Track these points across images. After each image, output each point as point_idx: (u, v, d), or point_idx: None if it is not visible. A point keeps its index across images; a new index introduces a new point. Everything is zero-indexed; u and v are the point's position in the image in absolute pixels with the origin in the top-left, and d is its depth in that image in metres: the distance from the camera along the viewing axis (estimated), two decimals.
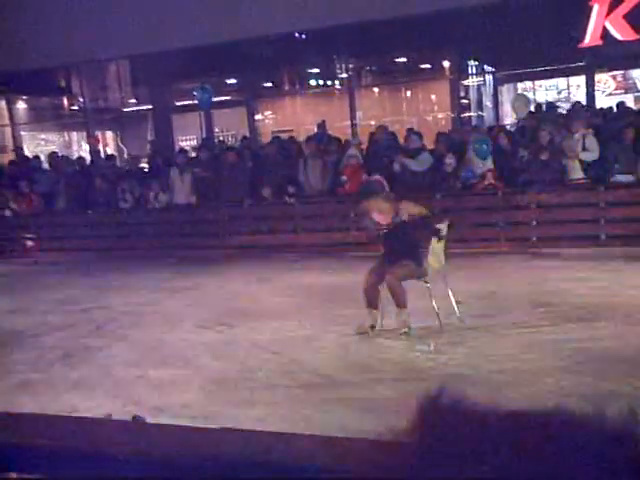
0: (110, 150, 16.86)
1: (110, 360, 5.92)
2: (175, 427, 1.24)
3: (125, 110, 16.61)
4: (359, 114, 14.83)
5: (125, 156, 15.28)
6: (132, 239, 10.95)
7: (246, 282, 8.62)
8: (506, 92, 14.89)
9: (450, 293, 6.24)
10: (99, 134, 16.17)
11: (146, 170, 12.67)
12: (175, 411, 4.58)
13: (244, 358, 5.71)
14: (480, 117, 14.97)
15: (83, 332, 6.87)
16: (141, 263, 10.16)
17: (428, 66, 14.97)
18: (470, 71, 15.22)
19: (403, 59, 14.75)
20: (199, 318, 7.00)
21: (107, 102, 15.93)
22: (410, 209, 6.07)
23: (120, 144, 17.32)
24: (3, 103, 17.05)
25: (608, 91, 14.01)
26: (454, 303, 6.23)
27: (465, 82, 15.01)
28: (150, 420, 1.27)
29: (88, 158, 14.00)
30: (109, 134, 18.01)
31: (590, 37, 11.86)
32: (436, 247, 6.16)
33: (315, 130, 12.52)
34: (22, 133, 17.05)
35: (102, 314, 7.55)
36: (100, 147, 16.30)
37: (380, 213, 6.06)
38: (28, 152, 15.06)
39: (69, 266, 10.54)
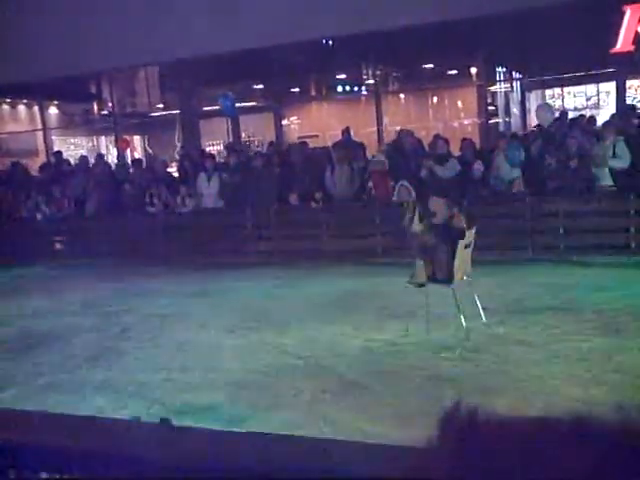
0: (138, 154, 17.04)
1: (136, 363, 5.97)
2: (200, 430, 1.24)
3: (153, 115, 16.77)
4: (385, 120, 14.82)
5: (153, 160, 15.42)
6: (160, 243, 11.02)
7: (273, 287, 8.63)
8: (534, 98, 14.77)
9: (477, 299, 6.19)
10: (128, 138, 16.36)
11: (174, 175, 12.76)
12: (200, 414, 4.59)
13: (270, 362, 5.72)
14: (507, 124, 14.87)
15: (110, 335, 6.93)
16: (168, 267, 10.21)
17: (455, 72, 14.90)
18: (497, 77, 15.13)
19: (430, 65, 14.71)
20: (226, 322, 7.03)
21: (135, 107, 16.11)
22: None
23: (148, 148, 17.49)
24: (36, 109, 17.38)
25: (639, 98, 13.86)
26: (481, 309, 6.18)
27: (492, 88, 14.92)
28: (176, 423, 1.27)
29: (115, 162, 14.18)
30: (137, 139, 18.22)
31: (622, 42, 11.73)
32: (463, 253, 6.12)
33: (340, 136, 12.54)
34: (53, 137, 17.32)
35: (129, 317, 7.61)
36: (128, 151, 16.50)
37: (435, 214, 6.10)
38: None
39: (98, 269, 10.65)
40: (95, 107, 17.89)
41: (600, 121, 11.11)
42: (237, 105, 14.50)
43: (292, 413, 4.57)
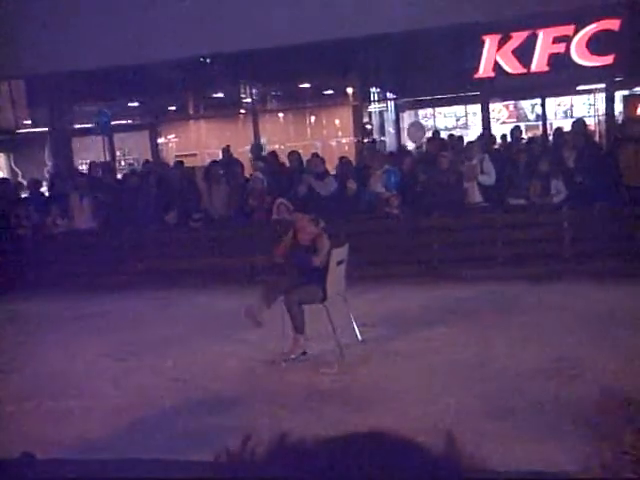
0: (2, 174, 16.13)
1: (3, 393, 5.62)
2: (66, 461, 1.18)
3: (19, 132, 15.97)
4: (263, 138, 14.88)
5: (20, 180, 14.65)
6: (29, 265, 10.44)
7: (150, 308, 8.40)
8: (408, 118, 15.30)
9: (352, 316, 6.29)
10: None
11: (45, 195, 12.18)
12: (72, 443, 4.38)
13: (146, 387, 5.55)
14: (382, 142, 15.30)
15: None
16: (44, 290, 9.66)
17: (332, 92, 15.21)
18: (373, 98, 15.57)
19: (307, 85, 14.93)
20: (102, 346, 6.76)
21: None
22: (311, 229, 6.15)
23: (14, 167, 16.60)
24: None
25: (502, 119, 14.67)
26: (355, 326, 6.29)
27: (368, 108, 15.34)
28: (40, 456, 1.20)
29: None
30: (0, 156, 17.20)
31: (483, 69, 12.47)
32: (336, 270, 6.18)
33: (220, 155, 12.46)
34: None
35: None
36: None
37: (301, 232, 6.11)
38: None
39: None
40: None
41: (468, 140, 11.67)
42: (113, 122, 14.11)
43: (167, 438, 4.45)
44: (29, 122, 15.82)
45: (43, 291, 9.51)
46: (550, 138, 11.85)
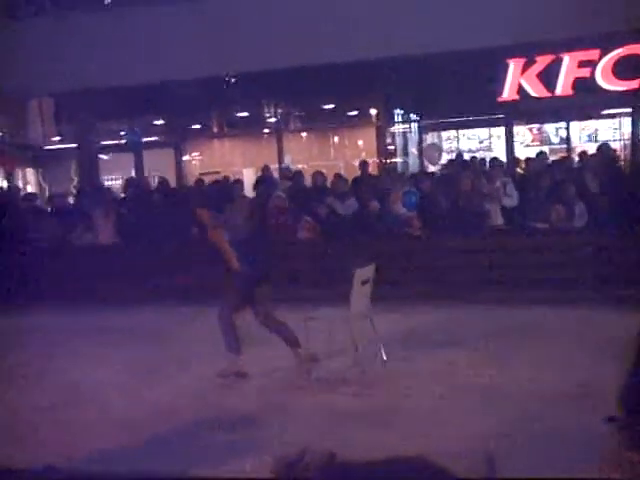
0: (31, 188, 16.39)
1: None
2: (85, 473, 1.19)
3: (48, 148, 16.23)
4: (287, 158, 14.97)
5: (47, 194, 14.87)
6: (55, 280, 10.45)
7: (174, 324, 8.39)
8: (430, 140, 15.33)
9: (375, 336, 6.27)
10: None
11: (71, 209, 12.33)
12: (91, 455, 4.40)
13: (167, 402, 5.57)
14: (405, 163, 15.33)
15: None
16: (67, 303, 9.67)
17: (355, 113, 15.28)
18: (396, 119, 15.63)
19: (331, 105, 15.02)
20: (125, 359, 6.79)
21: (29, 139, 15.53)
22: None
23: (42, 182, 16.86)
24: None
25: (526, 142, 14.63)
26: (379, 344, 6.27)
27: (391, 129, 15.39)
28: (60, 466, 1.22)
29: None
30: (30, 171, 17.49)
31: (508, 92, 12.47)
32: (361, 289, 6.19)
33: (257, 173, 12.53)
34: None
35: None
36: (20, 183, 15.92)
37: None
38: None
39: None
40: None
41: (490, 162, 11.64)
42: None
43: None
44: (57, 138, 16.07)
45: (66, 304, 9.57)
46: (574, 162, 11.80)
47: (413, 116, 15.58)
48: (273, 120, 15.53)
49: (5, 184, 15.53)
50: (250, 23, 11.73)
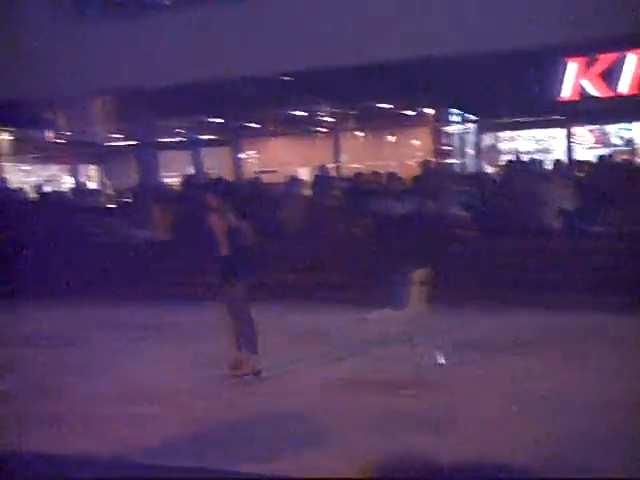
0: (94, 185, 16.82)
1: None
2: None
3: (110, 145, 16.62)
4: (343, 157, 15.01)
5: (108, 191, 15.24)
6: (111, 276, 10.66)
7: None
8: (487, 140, 15.14)
9: (433, 338, 6.23)
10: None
11: (128, 205, 12.62)
12: (151, 448, 4.52)
13: (223, 397, 5.67)
14: (461, 164, 15.19)
15: None
16: (121, 298, 9.91)
17: (412, 113, 15.20)
18: (452, 119, 15.49)
19: (387, 105, 14.98)
20: (180, 355, 6.94)
21: (91, 136, 15.94)
22: None
23: (104, 179, 17.27)
24: None
25: (587, 144, 14.30)
26: (436, 347, 6.24)
27: (447, 129, 15.27)
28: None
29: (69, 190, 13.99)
30: (93, 168, 17.96)
31: (568, 92, 12.24)
32: (418, 291, 6.17)
33: (313, 172, 12.60)
34: (2, 164, 16.90)
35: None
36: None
37: None
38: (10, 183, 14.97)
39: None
40: (50, 134, 17.57)
41: (548, 164, 11.46)
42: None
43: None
44: (118, 136, 16.45)
45: (121, 299, 9.80)
46: (637, 164, 11.52)
47: (470, 116, 15.42)
48: (329, 120, 15.57)
49: (70, 180, 16.00)
50: (307, 22, 11.77)
